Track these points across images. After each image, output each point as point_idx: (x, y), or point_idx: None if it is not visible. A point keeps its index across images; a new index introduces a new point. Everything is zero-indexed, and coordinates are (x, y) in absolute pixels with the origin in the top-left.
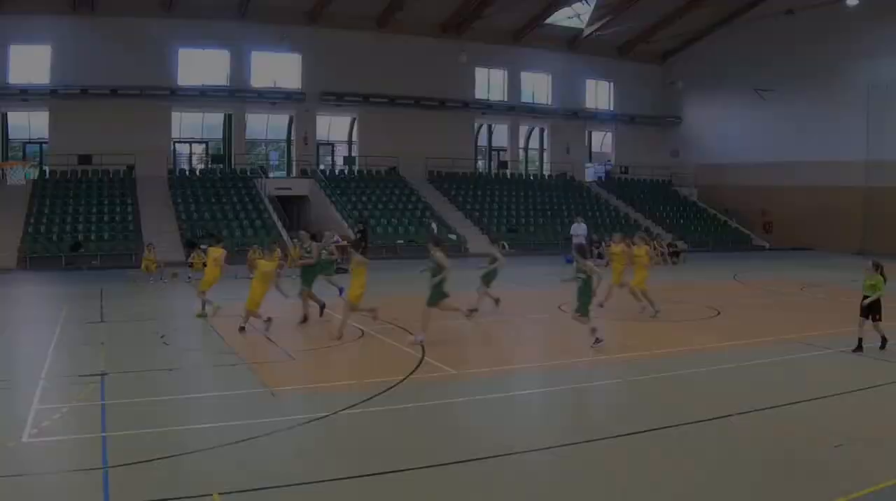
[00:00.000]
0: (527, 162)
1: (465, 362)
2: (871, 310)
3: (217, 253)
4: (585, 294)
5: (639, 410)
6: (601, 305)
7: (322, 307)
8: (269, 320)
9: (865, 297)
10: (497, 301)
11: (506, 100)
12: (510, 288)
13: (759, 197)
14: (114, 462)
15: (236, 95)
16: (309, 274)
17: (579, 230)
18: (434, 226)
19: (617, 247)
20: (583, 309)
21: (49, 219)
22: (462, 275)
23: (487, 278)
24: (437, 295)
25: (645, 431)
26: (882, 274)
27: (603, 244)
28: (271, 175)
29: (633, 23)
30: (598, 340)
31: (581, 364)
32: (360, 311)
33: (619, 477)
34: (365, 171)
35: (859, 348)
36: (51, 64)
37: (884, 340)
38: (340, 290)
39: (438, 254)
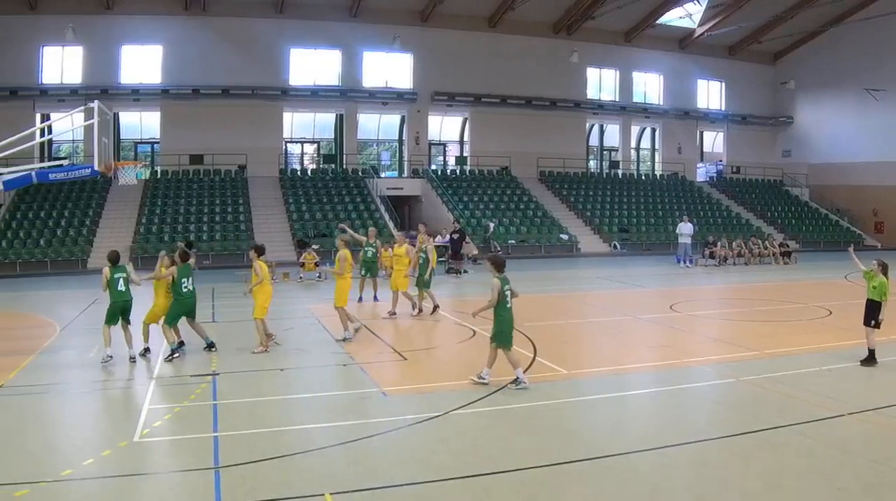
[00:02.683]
0: (638, 162)
1: (577, 362)
2: (874, 316)
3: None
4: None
5: (750, 410)
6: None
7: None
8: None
9: (871, 301)
10: (435, 307)
11: (617, 100)
12: (622, 288)
13: (870, 196)
14: (225, 461)
15: (348, 95)
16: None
17: (686, 229)
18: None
19: (400, 249)
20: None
21: (161, 219)
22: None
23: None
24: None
25: (757, 431)
26: (886, 275)
27: (719, 244)
28: (383, 175)
29: (745, 23)
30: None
31: (693, 364)
32: None
33: (732, 478)
34: (476, 171)
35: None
36: (162, 64)
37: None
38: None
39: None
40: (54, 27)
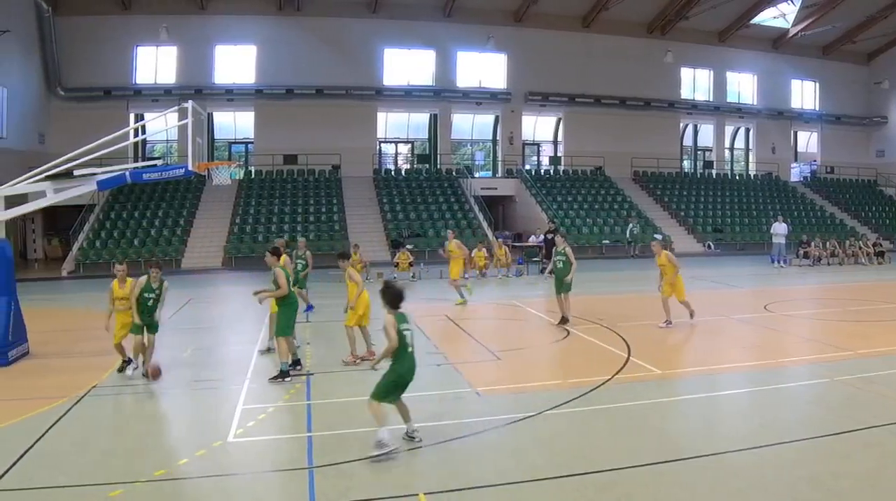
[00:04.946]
0: (732, 161)
1: (671, 362)
2: None
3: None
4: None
5: (844, 410)
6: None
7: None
8: None
9: None
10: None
11: (711, 100)
12: (716, 288)
13: None
14: (319, 461)
15: (442, 95)
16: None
17: (780, 229)
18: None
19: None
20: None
21: (255, 219)
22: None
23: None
24: (283, 326)
25: (851, 431)
26: None
27: (812, 244)
28: (477, 175)
29: (839, 23)
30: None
31: (787, 364)
32: None
33: (826, 479)
34: (570, 171)
35: None
36: (256, 64)
37: None
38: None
39: (277, 270)
40: (148, 27)
